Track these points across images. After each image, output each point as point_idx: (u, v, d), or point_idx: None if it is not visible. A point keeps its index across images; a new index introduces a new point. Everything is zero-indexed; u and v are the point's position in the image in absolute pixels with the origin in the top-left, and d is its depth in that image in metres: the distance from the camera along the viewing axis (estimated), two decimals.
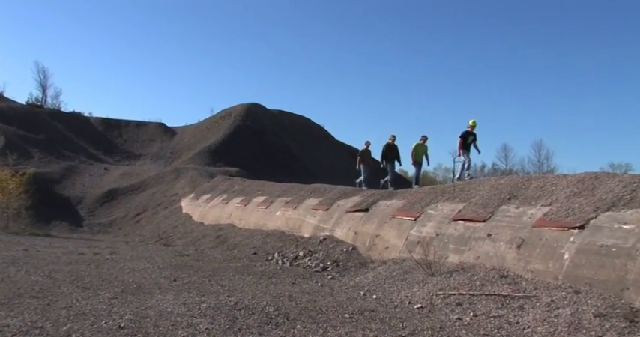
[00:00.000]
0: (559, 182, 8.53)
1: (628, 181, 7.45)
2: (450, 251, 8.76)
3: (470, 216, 9.10)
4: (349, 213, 12.70)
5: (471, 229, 8.78)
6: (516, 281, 6.96)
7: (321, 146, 49.21)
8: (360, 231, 11.63)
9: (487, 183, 10.09)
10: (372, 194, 13.21)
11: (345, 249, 11.15)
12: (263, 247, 13.42)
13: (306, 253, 11.57)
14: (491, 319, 6.00)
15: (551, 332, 5.38)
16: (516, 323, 5.79)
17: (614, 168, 34.76)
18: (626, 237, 6.33)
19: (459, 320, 6.03)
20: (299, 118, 53.34)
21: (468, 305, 6.51)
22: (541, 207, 8.04)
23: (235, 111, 49.32)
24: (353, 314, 6.21)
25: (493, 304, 6.39)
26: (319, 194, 15.58)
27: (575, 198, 7.69)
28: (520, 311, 6.04)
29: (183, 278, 8.86)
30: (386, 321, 5.94)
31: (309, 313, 6.18)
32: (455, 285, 7.23)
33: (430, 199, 10.76)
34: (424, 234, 9.70)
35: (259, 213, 17.37)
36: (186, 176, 32.04)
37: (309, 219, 14.24)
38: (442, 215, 9.84)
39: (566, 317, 5.61)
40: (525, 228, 7.83)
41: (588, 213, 7.15)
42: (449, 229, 9.26)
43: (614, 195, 7.21)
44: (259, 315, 5.94)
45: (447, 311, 6.44)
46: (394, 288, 7.84)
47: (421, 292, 7.31)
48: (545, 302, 6.08)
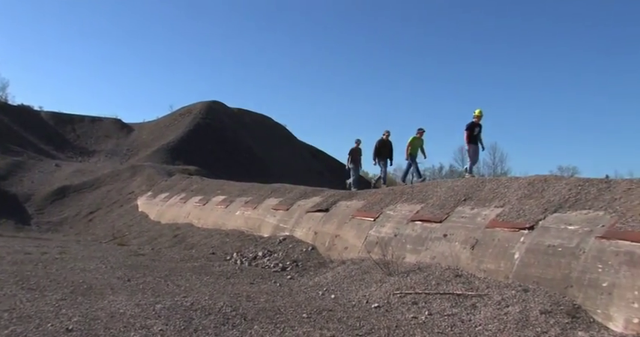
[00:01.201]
0: (511, 184, 8.86)
1: (574, 184, 7.83)
2: (407, 251, 8.93)
3: (427, 217, 9.30)
4: (309, 213, 12.72)
5: (428, 229, 8.98)
6: (470, 280, 7.18)
7: (282, 145, 49.03)
8: (320, 231, 11.67)
9: (444, 185, 10.35)
10: (333, 194, 13.29)
11: (305, 249, 11.16)
12: (222, 247, 13.23)
13: (265, 253, 11.50)
14: (445, 317, 6.16)
15: (500, 330, 5.58)
16: (469, 321, 5.97)
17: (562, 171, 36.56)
18: (571, 237, 6.65)
19: (415, 319, 6.16)
20: (260, 117, 52.97)
21: (423, 304, 6.65)
22: (494, 208, 8.33)
23: (195, 108, 48.39)
24: (311, 314, 6.22)
25: (447, 303, 6.56)
26: (279, 194, 15.52)
27: (526, 200, 8.01)
28: (472, 310, 6.23)
29: (137, 278, 8.60)
30: (343, 321, 5.98)
31: (267, 313, 6.14)
32: (411, 285, 7.38)
33: (389, 200, 10.93)
34: (383, 234, 9.84)
35: (218, 213, 17.13)
36: (143, 174, 31.15)
37: (269, 218, 14.16)
38: (400, 215, 10.01)
39: (515, 314, 5.83)
40: (479, 228, 8.09)
41: (537, 214, 7.46)
42: (407, 229, 9.44)
43: (561, 197, 7.57)
44: (216, 316, 5.85)
45: (403, 310, 6.56)
46: (352, 288, 7.92)
47: (379, 292, 7.41)
48: (496, 301, 6.30)
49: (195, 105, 49.49)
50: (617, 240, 6.12)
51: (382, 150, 14.70)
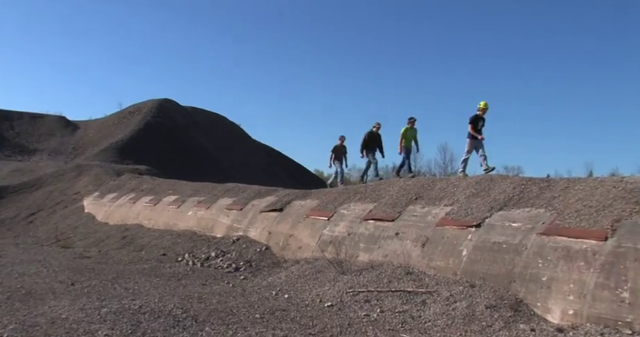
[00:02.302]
0: (460, 183, 9.16)
1: (517, 183, 8.20)
2: (360, 250, 9.04)
3: (380, 216, 9.46)
4: (263, 212, 12.63)
5: (381, 228, 9.13)
6: (420, 277, 7.36)
7: (237, 145, 48.39)
8: (274, 230, 11.61)
9: (396, 184, 10.56)
10: (287, 194, 13.25)
11: (259, 249, 11.07)
12: (173, 248, 12.89)
13: (218, 253, 11.31)
14: (396, 314, 6.28)
15: (448, 325, 5.76)
16: (419, 317, 6.13)
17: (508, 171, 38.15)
18: (515, 234, 6.96)
19: (367, 317, 6.25)
20: (214, 116, 52.01)
21: (375, 302, 6.76)
22: (444, 207, 8.58)
23: (146, 106, 46.82)
24: (264, 315, 6.17)
25: (399, 300, 6.70)
26: (233, 193, 15.31)
27: (474, 199, 8.31)
28: (422, 306, 6.40)
29: (82, 281, 8.23)
30: (297, 320, 5.98)
31: (219, 314, 6.04)
32: (364, 283, 7.48)
33: (343, 199, 11.02)
34: (336, 233, 9.91)
35: (170, 213, 16.67)
36: (89, 173, 29.83)
37: (222, 218, 13.94)
38: (354, 215, 10.13)
39: (462, 309, 6.04)
40: (430, 226, 8.31)
41: (484, 212, 7.76)
42: (360, 228, 9.56)
43: (506, 195, 7.91)
44: (165, 318, 5.69)
45: (355, 309, 6.64)
46: (306, 287, 7.92)
47: (332, 290, 7.46)
48: (444, 297, 6.49)
49: (146, 103, 47.89)
50: (555, 236, 6.47)
51: (370, 143, 13.76)
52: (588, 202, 6.73)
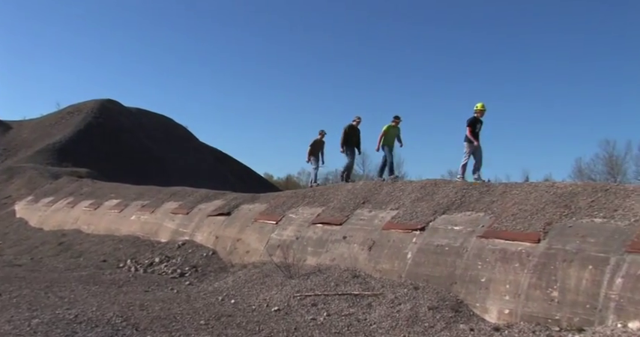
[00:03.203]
0: (406, 187, 9.41)
1: (460, 187, 8.53)
2: (308, 253, 9.06)
3: (328, 220, 9.53)
4: (211, 216, 12.39)
5: (329, 232, 9.20)
6: (367, 280, 7.47)
7: (184, 148, 47.18)
8: (222, 235, 11.42)
9: (344, 188, 10.69)
10: (235, 198, 13.08)
11: (205, 254, 10.83)
12: (114, 254, 12.36)
13: (162, 259, 10.96)
14: (342, 317, 6.34)
15: (393, 327, 5.88)
16: (364, 320, 6.21)
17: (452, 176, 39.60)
18: (457, 237, 7.23)
19: (314, 321, 6.26)
20: (160, 118, 50.42)
21: (322, 306, 6.79)
22: (390, 211, 8.77)
23: (87, 107, 44.63)
24: (209, 321, 6.04)
25: (345, 303, 6.77)
26: (179, 197, 14.91)
27: (419, 203, 8.55)
28: (368, 309, 6.50)
29: (11, 291, 7.71)
30: (242, 326, 5.90)
31: (161, 322, 5.85)
32: (311, 287, 7.50)
33: (292, 203, 11.01)
34: (285, 237, 9.89)
35: (111, 217, 15.98)
36: (23, 176, 28.06)
37: (167, 223, 13.53)
38: (302, 218, 10.14)
39: (406, 311, 6.19)
40: (376, 230, 8.46)
41: (428, 215, 8.01)
42: (308, 232, 9.59)
43: (449, 199, 8.20)
44: (104, 328, 5.44)
45: (302, 313, 6.63)
46: (253, 292, 7.84)
47: (279, 295, 7.43)
48: (389, 299, 6.63)
49: (87, 103, 45.65)
50: (494, 239, 6.78)
51: (352, 138, 12.82)
52: (524, 206, 7.10)
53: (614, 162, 39.50)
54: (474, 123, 10.43)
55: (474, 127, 10.40)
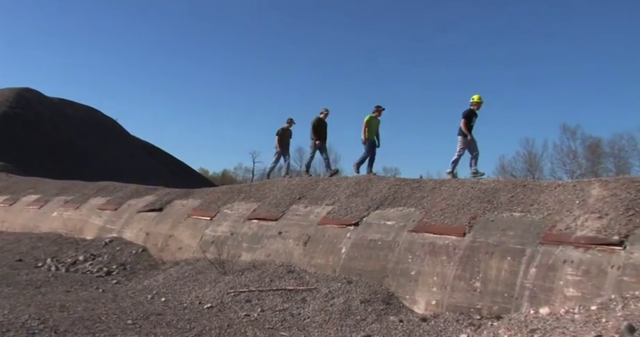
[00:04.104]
0: (341, 183, 9.56)
1: (392, 183, 8.80)
2: (243, 249, 8.97)
3: (264, 215, 9.48)
4: (141, 212, 11.90)
5: (264, 228, 9.15)
6: (301, 275, 7.52)
7: (112, 141, 44.83)
8: (153, 231, 11.01)
9: (280, 184, 10.67)
10: (168, 193, 12.65)
11: (135, 251, 10.39)
12: (32, 252, 11.50)
13: (87, 257, 10.37)
14: (276, 313, 6.34)
15: (326, 320, 5.97)
16: (298, 314, 6.25)
17: (386, 172, 40.73)
18: (389, 232, 7.46)
19: (247, 317, 6.20)
20: (86, 109, 47.47)
21: (256, 302, 6.74)
22: (326, 206, 8.88)
23: (2, 95, 41.18)
24: (137, 320, 5.80)
25: (279, 298, 6.77)
26: (107, 192, 14.17)
27: (353, 198, 8.72)
28: (302, 304, 6.54)
29: None
30: (173, 324, 5.72)
31: (84, 323, 5.53)
32: (246, 283, 7.43)
33: (227, 198, 10.84)
34: (219, 233, 9.72)
35: (30, 214, 14.88)
36: None
37: (93, 219, 12.83)
38: (237, 214, 10.01)
39: (339, 305, 6.29)
40: (312, 225, 8.53)
41: (362, 211, 8.19)
42: (243, 228, 9.48)
43: (382, 195, 8.43)
44: (17, 332, 5.05)
45: (236, 309, 6.55)
46: (185, 289, 7.63)
47: (212, 291, 7.29)
48: (324, 294, 6.71)
49: (2, 91, 42.11)
50: (423, 233, 7.06)
51: (320, 131, 12.01)
52: (451, 201, 7.46)
53: (532, 159, 42.55)
54: (470, 116, 9.90)
55: (469, 120, 9.87)
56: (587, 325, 3.85)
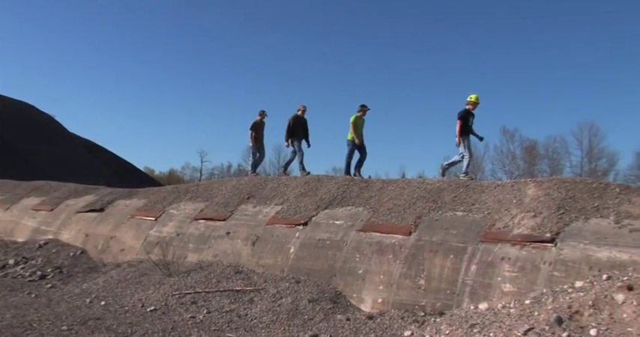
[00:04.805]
0: (290, 183, 9.54)
1: (341, 183, 8.88)
2: (189, 250, 8.76)
3: (211, 215, 9.29)
4: (80, 213, 11.34)
5: (212, 228, 8.98)
6: (249, 275, 7.43)
7: (49, 138, 42.43)
8: (93, 232, 10.52)
9: (229, 183, 10.51)
10: (110, 192, 12.13)
11: (72, 253, 9.88)
12: None
13: (18, 260, 9.75)
14: (223, 314, 6.23)
15: (273, 321, 5.93)
16: (245, 315, 6.17)
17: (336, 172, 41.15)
18: (337, 231, 7.52)
19: (193, 319, 6.06)
20: (18, 104, 44.63)
21: (202, 303, 6.60)
22: (275, 206, 8.83)
23: None
24: (73, 326, 5.51)
25: (226, 299, 6.66)
26: (42, 192, 13.39)
27: (302, 198, 8.72)
28: (250, 304, 6.47)
29: None
30: (113, 329, 5.49)
31: (12, 331, 5.19)
32: (192, 284, 7.25)
33: (173, 198, 10.54)
34: (164, 234, 9.44)
35: None
36: None
37: (26, 220, 12.08)
38: (184, 214, 9.76)
39: (287, 305, 6.28)
40: (260, 225, 8.46)
41: (311, 210, 8.21)
42: (190, 228, 9.26)
43: (331, 195, 8.50)
44: None
45: (181, 311, 6.38)
46: (127, 292, 7.34)
47: (156, 294, 7.06)
48: (271, 294, 6.67)
49: None
50: (371, 233, 7.18)
51: (297, 129, 11.43)
52: (398, 201, 7.63)
53: (474, 160, 44.39)
54: (466, 117, 9.36)
55: (465, 121, 9.32)
56: (522, 318, 4.05)
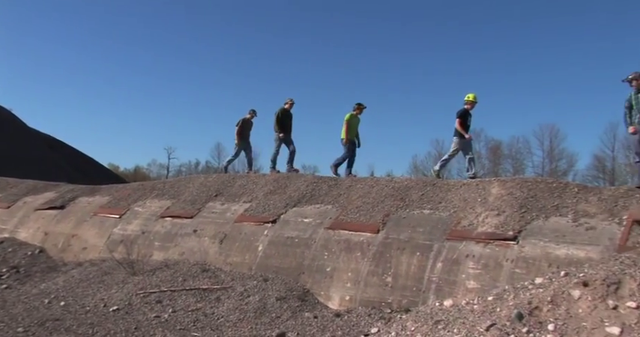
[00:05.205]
0: (259, 180, 9.47)
1: (310, 181, 8.88)
2: (155, 248, 8.59)
3: (178, 213, 9.14)
4: (39, 210, 10.94)
5: (179, 226, 8.83)
6: (217, 274, 7.35)
7: (6, 134, 40.78)
8: (52, 231, 10.16)
9: (196, 181, 10.34)
10: (71, 189, 11.75)
11: (30, 252, 9.52)
12: None
13: None
14: (189, 313, 6.14)
15: (240, 319, 5.88)
16: (212, 314, 6.10)
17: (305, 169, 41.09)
18: (306, 229, 7.52)
19: (157, 318, 5.94)
20: None
21: (168, 302, 6.48)
22: (243, 204, 8.75)
23: None
24: (30, 327, 5.32)
25: (193, 298, 6.56)
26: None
27: (271, 196, 8.68)
28: (217, 303, 6.39)
29: None
30: (73, 330, 5.33)
31: None
32: (157, 283, 7.11)
33: (138, 196, 10.30)
34: (129, 231, 9.21)
35: None
36: None
37: None
38: (150, 212, 9.56)
39: (255, 303, 6.24)
40: (228, 223, 8.37)
41: (280, 208, 8.18)
42: (156, 226, 9.08)
43: (300, 192, 8.48)
44: None
45: (145, 311, 6.25)
46: (89, 292, 7.13)
47: (120, 293, 6.89)
48: (239, 292, 6.61)
49: None
50: (339, 230, 7.21)
51: (285, 123, 10.93)
52: (367, 199, 7.69)
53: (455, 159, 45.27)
54: (465, 116, 9.24)
55: (464, 119, 9.20)
56: (484, 314, 4.15)
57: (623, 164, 36.37)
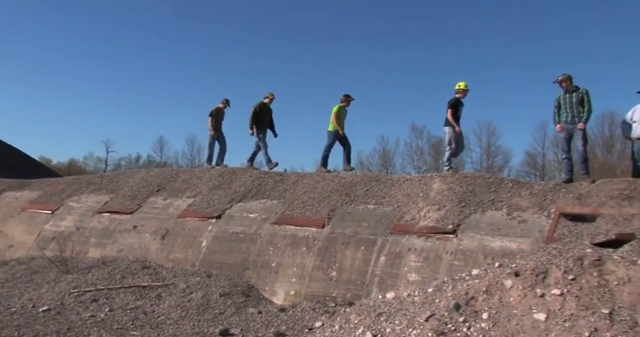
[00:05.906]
0: (204, 175, 9.26)
1: (256, 176, 8.80)
2: (91, 245, 8.21)
3: (117, 208, 8.77)
4: None
5: (117, 221, 8.47)
6: (158, 270, 7.12)
7: None
8: None
9: (137, 175, 9.96)
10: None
11: None
12: None
13: None
14: (127, 312, 5.90)
15: (182, 316, 5.73)
16: (152, 312, 5.90)
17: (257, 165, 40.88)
18: (251, 224, 7.45)
19: (93, 318, 5.67)
20: None
21: (104, 301, 6.20)
22: (186, 199, 8.53)
23: None
24: None
25: (132, 296, 6.32)
26: None
27: (216, 191, 8.51)
28: (157, 300, 6.19)
29: None
30: None
31: None
32: (93, 281, 6.78)
33: (73, 190, 9.77)
34: (62, 228, 8.74)
35: None
36: None
37: None
38: (86, 207, 9.11)
39: (197, 300, 6.10)
40: (171, 219, 8.13)
41: (225, 203, 8.04)
42: (92, 222, 8.67)
43: (246, 187, 8.38)
44: None
45: (79, 310, 5.94)
46: (15, 292, 6.68)
47: (51, 292, 6.50)
48: (181, 289, 6.44)
49: None
50: (285, 225, 7.20)
51: (262, 118, 10.61)
52: (312, 194, 7.72)
53: (386, 155, 46.31)
54: (456, 105, 8.89)
55: (455, 109, 8.86)
56: (424, 306, 4.29)
57: (553, 160, 38.79)
